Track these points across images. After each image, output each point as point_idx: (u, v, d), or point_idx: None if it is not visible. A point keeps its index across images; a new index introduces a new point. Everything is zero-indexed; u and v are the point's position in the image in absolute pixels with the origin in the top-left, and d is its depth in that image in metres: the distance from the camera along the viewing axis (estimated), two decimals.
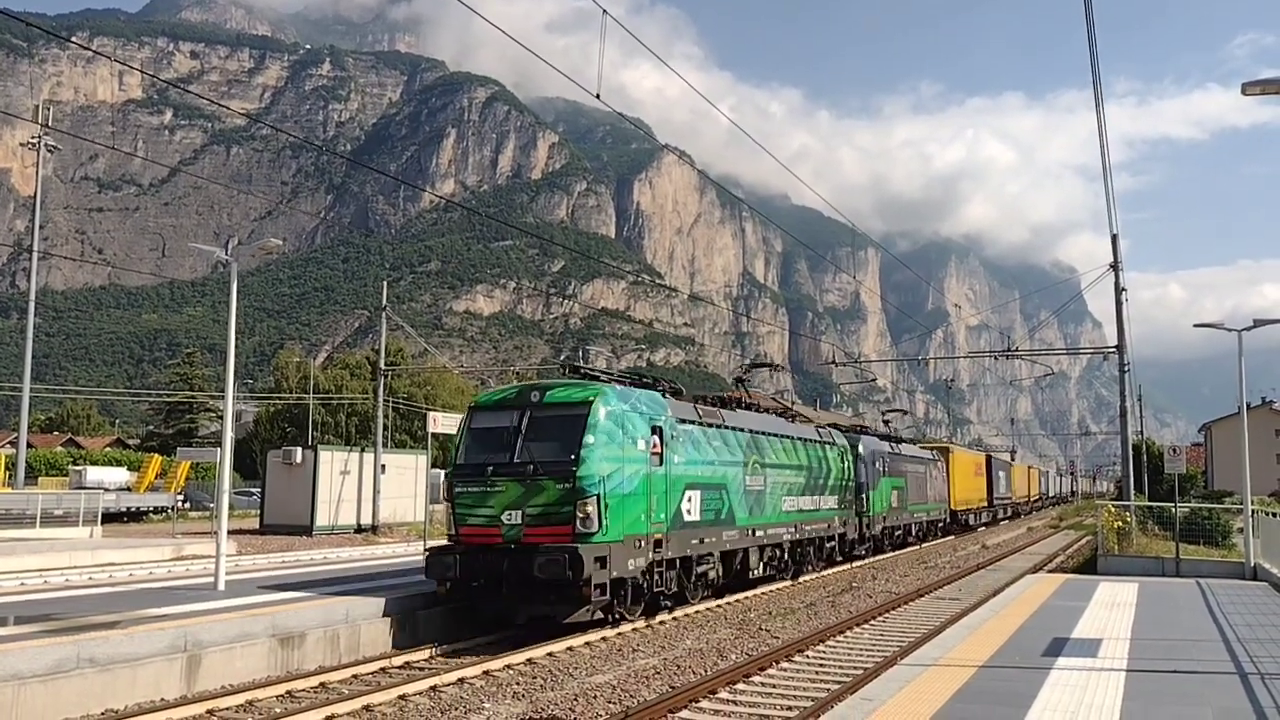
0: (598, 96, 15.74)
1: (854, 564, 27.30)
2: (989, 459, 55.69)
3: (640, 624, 16.10)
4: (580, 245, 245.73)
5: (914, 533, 35.67)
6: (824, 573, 24.91)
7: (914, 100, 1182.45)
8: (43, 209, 41.54)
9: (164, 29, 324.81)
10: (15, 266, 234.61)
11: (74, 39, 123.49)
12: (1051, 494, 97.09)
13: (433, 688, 11.38)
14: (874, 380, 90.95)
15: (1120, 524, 25.07)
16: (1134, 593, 17.98)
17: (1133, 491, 29.02)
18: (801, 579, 23.24)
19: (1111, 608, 15.79)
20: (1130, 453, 30.70)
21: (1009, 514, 63.10)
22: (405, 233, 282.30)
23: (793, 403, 43.44)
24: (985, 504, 52.22)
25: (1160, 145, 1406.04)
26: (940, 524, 40.60)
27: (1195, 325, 24.16)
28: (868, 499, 28.03)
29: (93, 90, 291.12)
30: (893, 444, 33.89)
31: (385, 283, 69.89)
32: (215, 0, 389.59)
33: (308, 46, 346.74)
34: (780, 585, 21.95)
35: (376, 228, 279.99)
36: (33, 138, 40.56)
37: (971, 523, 48.35)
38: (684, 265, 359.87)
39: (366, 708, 10.41)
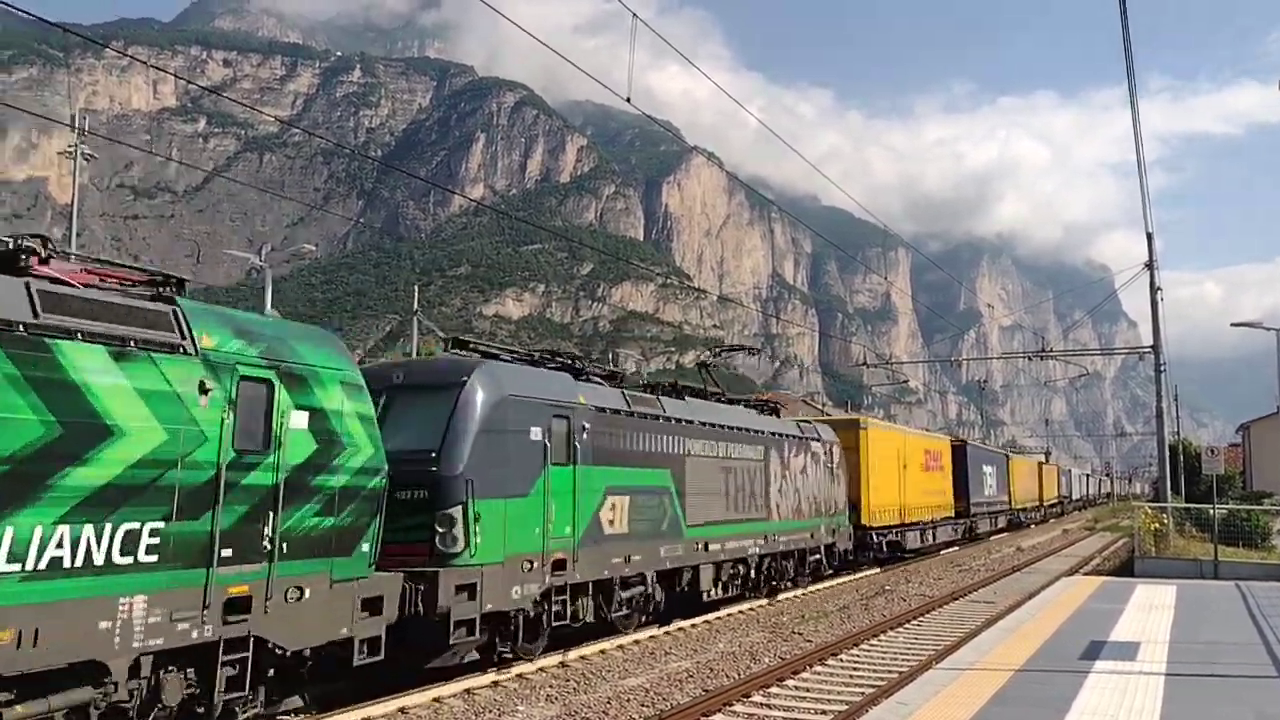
0: (628, 100, 15.66)
1: None
2: (959, 446, 39.83)
3: None
4: (609, 248, 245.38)
5: (725, 579, 18.56)
6: None
7: (945, 100, 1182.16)
8: (79, 217, 42.09)
9: (197, 37, 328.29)
10: None
11: (110, 47, 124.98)
12: (1076, 496, 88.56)
13: (467, 690, 11.42)
14: (905, 382, 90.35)
15: (1157, 526, 24.83)
16: (1172, 595, 17.78)
17: (1170, 493, 28.71)
18: None
19: (1149, 610, 15.61)
20: (1167, 453, 30.36)
21: (999, 525, 47.17)
22: (435, 237, 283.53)
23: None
24: (951, 513, 36.68)
25: (1194, 141, 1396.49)
26: (819, 555, 23.18)
27: (1233, 324, 24.03)
28: (468, 523, 11.63)
29: (128, 99, 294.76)
30: (629, 393, 16.20)
31: (416, 287, 70.42)
32: (247, 9, 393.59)
33: (338, 53, 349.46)
34: None
35: (407, 232, 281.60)
36: (70, 146, 41.12)
37: (912, 544, 30.93)
38: (713, 267, 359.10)
39: (402, 710, 10.47)
